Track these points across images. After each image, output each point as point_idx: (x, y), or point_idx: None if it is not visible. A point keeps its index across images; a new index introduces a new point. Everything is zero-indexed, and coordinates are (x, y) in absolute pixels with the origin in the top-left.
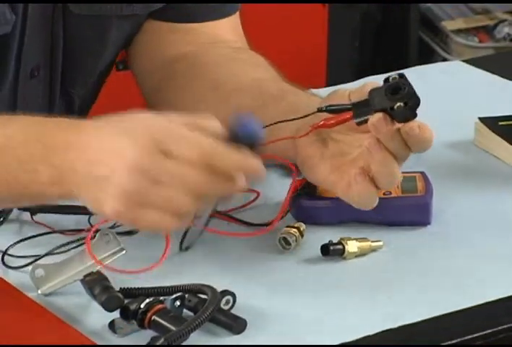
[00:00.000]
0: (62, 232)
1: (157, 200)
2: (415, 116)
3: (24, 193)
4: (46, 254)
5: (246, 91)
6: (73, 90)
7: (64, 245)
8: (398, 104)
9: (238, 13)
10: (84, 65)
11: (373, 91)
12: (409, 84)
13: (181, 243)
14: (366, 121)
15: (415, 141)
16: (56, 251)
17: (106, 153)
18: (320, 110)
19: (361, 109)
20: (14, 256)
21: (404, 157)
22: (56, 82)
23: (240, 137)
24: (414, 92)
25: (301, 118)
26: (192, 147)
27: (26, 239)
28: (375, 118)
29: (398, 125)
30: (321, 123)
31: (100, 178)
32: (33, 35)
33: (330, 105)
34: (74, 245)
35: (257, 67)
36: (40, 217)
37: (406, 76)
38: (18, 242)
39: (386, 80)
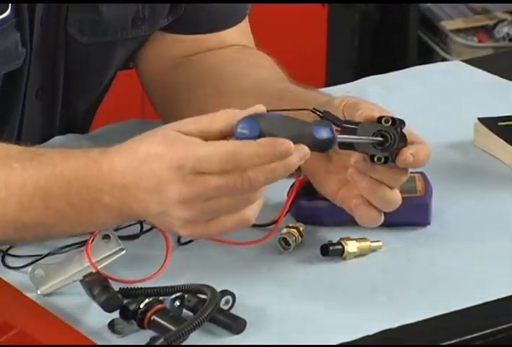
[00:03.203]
0: None
1: (218, 210)
2: (394, 162)
3: (86, 229)
4: (47, 255)
5: (247, 93)
6: (76, 106)
7: (65, 247)
8: (378, 156)
9: (246, 17)
10: (87, 84)
11: (362, 128)
12: (397, 134)
13: (179, 237)
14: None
15: (412, 166)
16: (56, 253)
17: (148, 192)
18: (313, 111)
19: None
20: (15, 257)
21: (396, 183)
22: (57, 101)
23: (315, 144)
24: (398, 143)
25: (291, 110)
26: (213, 160)
27: None
28: (355, 158)
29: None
30: None
31: (158, 214)
32: (37, 60)
33: (327, 113)
34: (75, 247)
35: (259, 67)
36: None
37: (402, 120)
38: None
39: (379, 120)
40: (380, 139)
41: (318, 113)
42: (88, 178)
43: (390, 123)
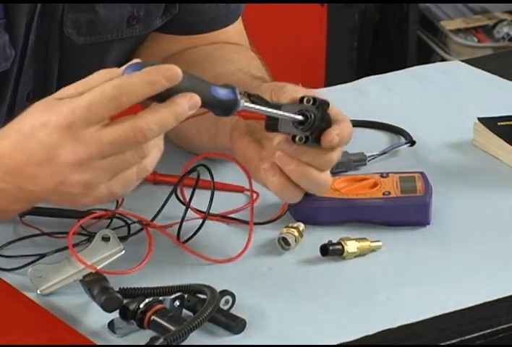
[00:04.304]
0: (49, 235)
1: (117, 167)
2: (319, 143)
3: None
4: (41, 257)
5: None
6: None
7: (61, 249)
8: (299, 136)
9: (240, 17)
10: None
11: (284, 108)
12: (318, 113)
13: (178, 235)
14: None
15: (337, 146)
16: (49, 254)
17: (40, 166)
18: (244, 94)
19: (271, 119)
20: (8, 258)
21: (325, 166)
22: None
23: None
24: (319, 123)
25: None
26: (104, 101)
27: (15, 241)
28: (277, 140)
29: None
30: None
31: (55, 187)
32: (30, 63)
33: (257, 96)
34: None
35: (227, 62)
36: (30, 218)
37: (327, 99)
38: (8, 244)
39: (301, 100)
40: (298, 117)
41: (249, 96)
42: None
43: (311, 102)
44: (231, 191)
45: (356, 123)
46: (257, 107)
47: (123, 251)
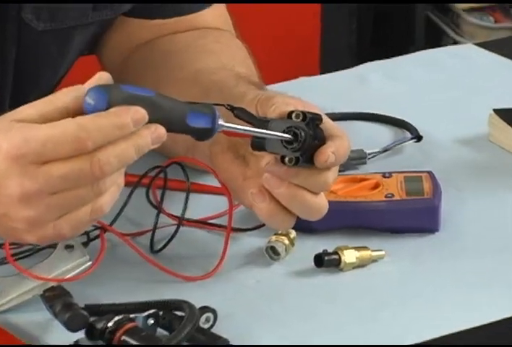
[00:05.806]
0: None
1: (67, 205)
2: (312, 163)
3: None
4: None
5: (182, 84)
6: (29, 101)
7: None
8: (289, 157)
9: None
10: (41, 77)
11: (272, 125)
12: (309, 130)
13: (152, 244)
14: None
15: (333, 166)
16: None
17: None
18: (227, 107)
19: (258, 137)
20: None
21: (320, 188)
22: (4, 99)
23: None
24: (311, 141)
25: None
26: (64, 140)
27: None
28: (265, 160)
29: None
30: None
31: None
32: None
33: (241, 110)
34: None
35: (207, 55)
36: None
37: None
38: None
39: (289, 115)
40: (286, 136)
41: (232, 109)
42: None
43: (301, 118)
44: (213, 193)
45: (355, 116)
46: (238, 127)
47: (89, 263)
